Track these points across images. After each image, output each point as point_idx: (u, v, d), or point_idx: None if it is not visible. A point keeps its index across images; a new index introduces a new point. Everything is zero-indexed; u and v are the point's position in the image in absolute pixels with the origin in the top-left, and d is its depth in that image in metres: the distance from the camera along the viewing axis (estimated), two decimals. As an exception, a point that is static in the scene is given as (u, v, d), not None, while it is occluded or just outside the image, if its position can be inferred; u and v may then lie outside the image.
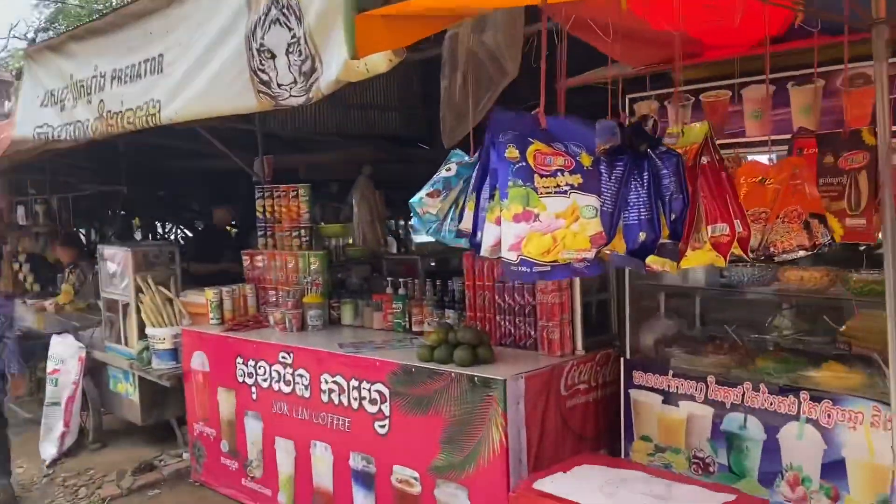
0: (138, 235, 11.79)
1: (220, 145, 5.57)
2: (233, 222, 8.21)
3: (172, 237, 13.19)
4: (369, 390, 3.74)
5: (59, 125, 4.25)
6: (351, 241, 5.91)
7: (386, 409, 3.65)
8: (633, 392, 3.48)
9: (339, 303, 4.82)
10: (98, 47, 3.87)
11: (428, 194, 1.97)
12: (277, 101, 2.83)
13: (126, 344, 5.62)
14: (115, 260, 5.64)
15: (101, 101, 3.84)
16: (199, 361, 4.85)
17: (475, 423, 3.26)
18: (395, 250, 7.68)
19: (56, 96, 4.26)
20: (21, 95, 4.63)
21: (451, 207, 1.96)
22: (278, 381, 4.25)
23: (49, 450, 5.77)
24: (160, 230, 14.97)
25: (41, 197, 8.46)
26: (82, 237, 9.94)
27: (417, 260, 5.84)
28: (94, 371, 5.95)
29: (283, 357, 4.22)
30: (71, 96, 4.11)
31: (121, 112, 3.70)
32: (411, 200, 2.02)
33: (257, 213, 5.27)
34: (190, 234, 11.68)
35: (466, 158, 2.04)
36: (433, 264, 5.97)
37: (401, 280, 4.59)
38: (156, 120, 3.45)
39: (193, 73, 3.15)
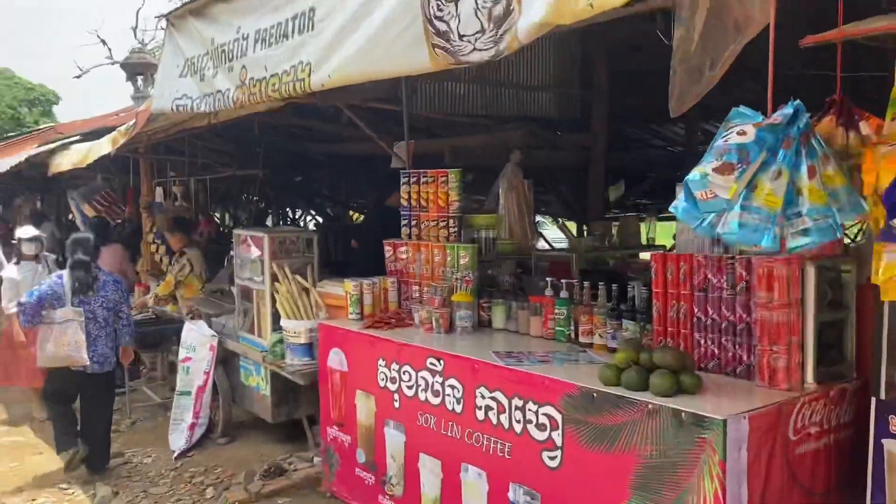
0: (269, 221, 11.79)
1: (364, 126, 5.11)
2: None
3: (302, 224, 13.16)
4: (536, 413, 3.13)
5: (199, 96, 3.90)
6: (499, 234, 5.33)
7: (557, 437, 3.03)
8: (886, 442, 2.68)
9: (490, 303, 4.24)
10: (242, 7, 3.46)
11: (716, 169, 1.33)
12: (457, 56, 2.26)
13: (259, 335, 5.30)
14: (252, 246, 5.32)
15: (244, 67, 3.43)
16: (336, 360, 4.42)
17: (680, 469, 2.58)
18: (543, 246, 7.04)
19: (196, 65, 3.90)
20: (161, 66, 4.33)
21: (745, 188, 1.31)
22: (425, 390, 3.73)
23: (178, 441, 5.55)
24: (292, 216, 15.09)
25: (180, 179, 8.44)
26: (217, 220, 9.92)
27: (572, 258, 5.18)
28: (225, 361, 5.69)
29: (432, 364, 3.69)
30: (211, 64, 3.74)
31: (264, 79, 3.26)
32: (688, 178, 1.39)
33: (401, 201, 4.79)
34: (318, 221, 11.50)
35: (761, 118, 1.38)
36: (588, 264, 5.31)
37: (563, 281, 3.95)
38: (304, 86, 2.98)
39: (351, 28, 2.63)
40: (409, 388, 3.84)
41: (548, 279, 4.08)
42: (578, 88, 5.95)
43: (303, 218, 15.57)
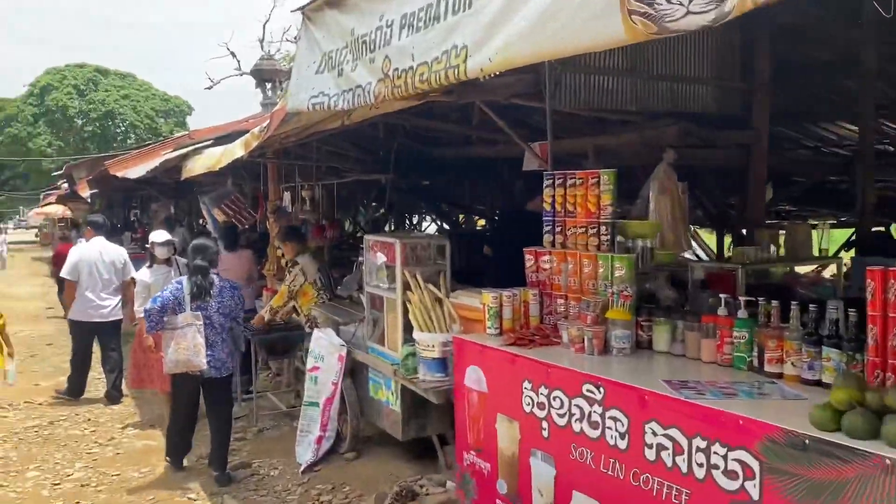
0: (389, 227, 11.66)
1: (504, 125, 4.74)
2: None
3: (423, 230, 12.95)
4: (725, 457, 2.62)
5: (336, 93, 3.63)
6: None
7: (753, 489, 2.52)
8: None
9: (651, 322, 3.75)
10: (386, -7, 3.15)
11: None
12: (661, 23, 1.82)
13: (389, 346, 5.01)
14: (382, 252, 5.05)
15: (387, 57, 3.12)
16: (474, 378, 4.05)
17: (936, 547, 2.03)
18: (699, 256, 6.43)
19: (334, 59, 3.64)
20: (296, 64, 4.11)
21: None
22: (580, 420, 3.29)
23: (305, 454, 5.36)
24: (410, 222, 14.97)
25: (308, 183, 8.39)
26: (344, 225, 9.83)
27: (737, 270, 4.58)
28: (354, 372, 5.45)
29: (590, 391, 3.24)
30: (350, 57, 3.46)
31: (411, 69, 2.93)
32: None
33: (544, 206, 4.37)
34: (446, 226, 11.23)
35: None
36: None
37: (742, 298, 3.40)
38: (458, 73, 2.62)
39: (520, 0, 2.24)
40: (561, 416, 3.41)
41: (721, 295, 3.55)
42: (739, 80, 5.32)
43: (419, 224, 15.45)
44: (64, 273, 7.56)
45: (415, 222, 14.81)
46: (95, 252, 7.58)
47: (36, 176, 49.53)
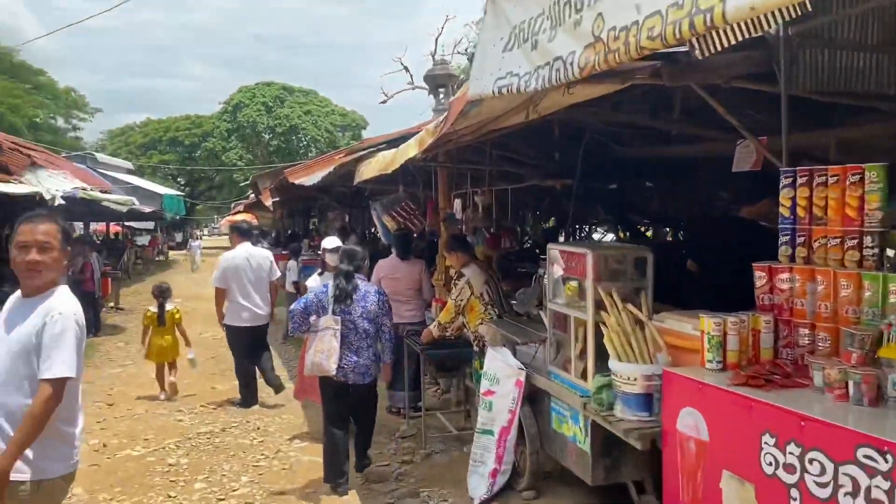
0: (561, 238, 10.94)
1: (725, 113, 3.91)
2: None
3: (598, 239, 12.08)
4: None
5: (528, 71, 3.03)
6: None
7: None
8: None
9: (942, 364, 2.79)
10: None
11: None
12: None
13: (577, 374, 4.32)
14: (569, 264, 4.38)
15: (599, 15, 2.46)
16: (690, 423, 3.27)
17: None
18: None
19: (526, 31, 3.04)
20: (480, 45, 3.56)
21: None
22: (854, 496, 2.43)
23: (479, 487, 4.79)
24: (582, 231, 14.13)
25: (480, 189, 7.89)
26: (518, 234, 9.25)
27: None
28: (533, 400, 4.81)
29: (869, 457, 2.38)
30: (548, 25, 2.84)
31: (635, 24, 2.25)
32: None
33: (779, 210, 3.50)
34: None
35: None
36: None
37: None
38: (710, 18, 1.90)
39: None
40: (822, 486, 2.57)
41: None
42: None
43: (589, 235, 14.54)
44: (214, 281, 7.54)
45: (588, 231, 13.96)
46: (242, 258, 7.51)
47: (228, 186, 53.61)
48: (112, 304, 16.66)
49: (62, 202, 10.52)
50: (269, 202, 20.29)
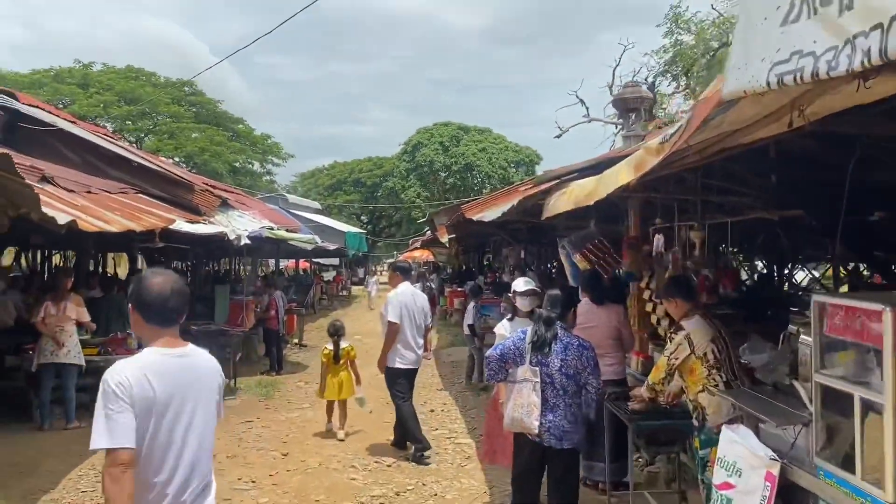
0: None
1: None
2: None
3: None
4: None
5: (834, 45, 2.02)
6: None
7: None
8: None
9: None
10: None
11: None
12: None
13: (866, 475, 3.12)
14: (851, 322, 3.21)
15: None
16: None
17: None
18: None
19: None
20: (741, 24, 2.58)
21: None
22: None
23: None
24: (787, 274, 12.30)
25: (690, 224, 6.72)
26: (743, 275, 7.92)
27: None
28: (790, 500, 3.62)
29: None
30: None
31: None
32: None
33: None
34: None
35: None
36: None
37: None
38: None
39: None
40: None
41: None
42: None
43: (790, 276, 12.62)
44: (392, 317, 7.07)
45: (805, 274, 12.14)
46: (409, 297, 7.24)
47: (406, 224, 55.13)
48: (296, 341, 16.98)
49: (248, 242, 10.60)
50: (444, 238, 20.08)
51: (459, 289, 22.63)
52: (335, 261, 40.35)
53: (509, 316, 5.75)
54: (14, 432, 7.92)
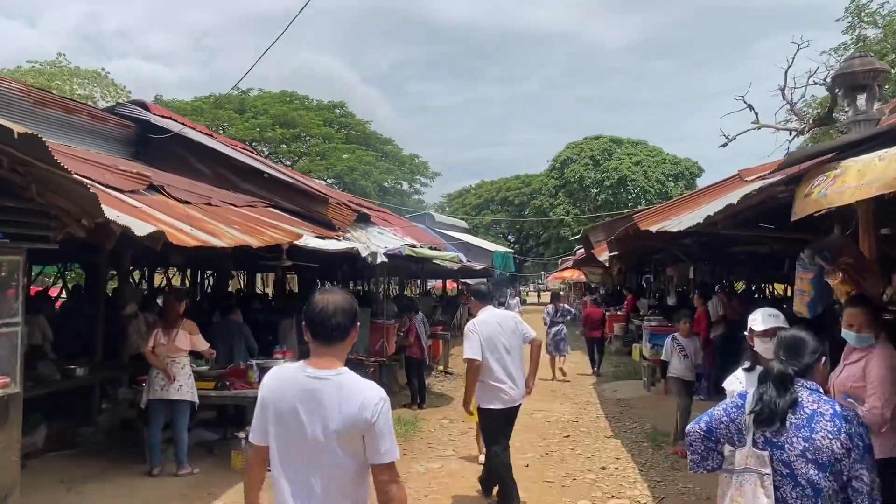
0: None
1: None
2: None
3: None
4: None
5: None
6: None
7: None
8: None
9: None
10: None
11: None
12: None
13: None
14: None
15: None
16: None
17: None
18: None
19: None
20: None
21: None
22: None
23: None
24: None
25: None
26: None
27: None
28: None
29: None
30: None
31: None
32: None
33: None
34: None
35: None
36: None
37: None
38: None
39: None
40: None
41: None
42: None
43: None
44: (469, 353, 5.95)
45: None
46: (493, 325, 6.05)
47: (555, 242, 53.10)
48: (441, 368, 15.62)
49: (384, 259, 9.31)
50: (603, 257, 18.09)
51: (619, 311, 20.43)
52: (483, 280, 39.14)
53: (746, 365, 3.91)
54: (123, 474, 6.97)
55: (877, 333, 4.10)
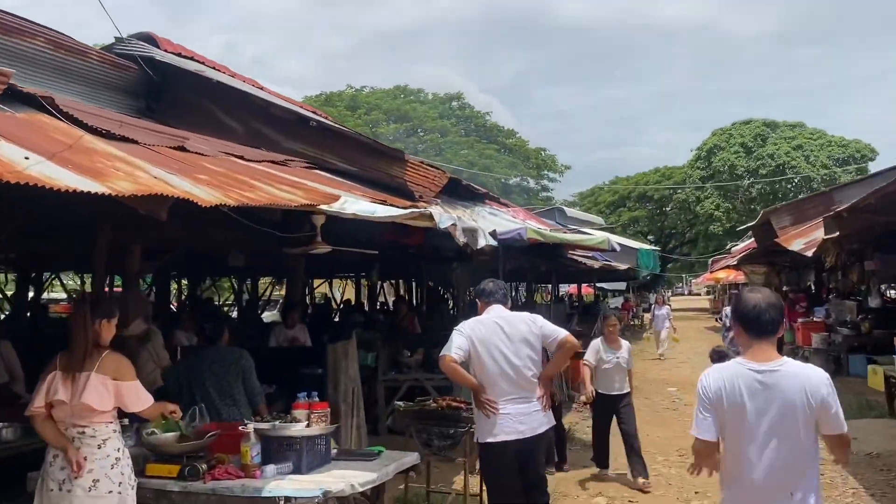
0: None
1: None
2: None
3: None
4: None
5: None
6: None
7: None
8: None
9: None
10: None
11: None
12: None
13: None
14: None
15: None
16: None
17: None
18: None
19: None
20: None
21: None
22: None
23: None
24: None
25: None
26: None
27: None
28: None
29: None
30: None
31: None
32: None
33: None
34: None
35: None
36: None
37: None
38: None
39: None
40: None
41: None
42: None
43: None
44: (447, 349, 4.34)
45: None
46: (491, 326, 4.46)
47: (703, 240, 47.44)
48: (584, 399, 11.73)
49: (491, 242, 5.68)
50: (796, 245, 13.60)
51: (812, 317, 15.66)
52: (621, 285, 34.56)
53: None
54: None
55: None
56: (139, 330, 6.81)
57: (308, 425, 4.23)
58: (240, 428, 4.27)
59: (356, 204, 4.27)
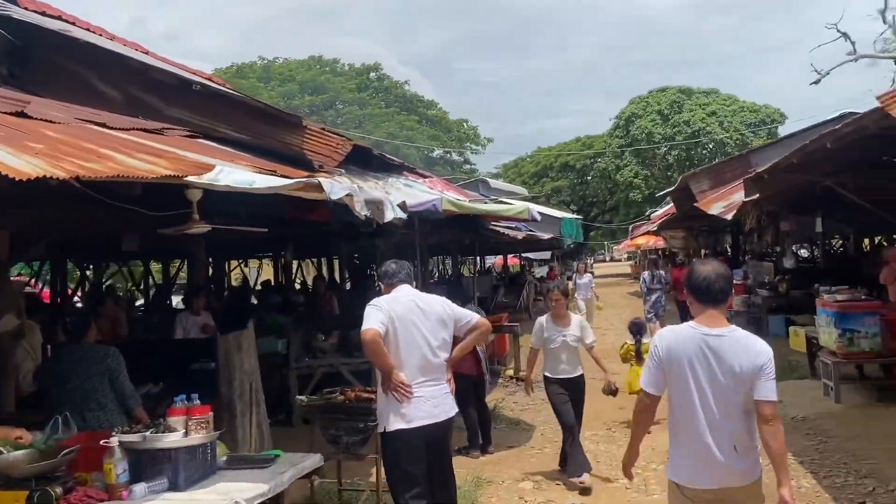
0: None
1: None
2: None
3: None
4: None
5: None
6: None
7: None
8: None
9: None
10: None
11: None
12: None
13: None
14: None
15: None
16: None
17: None
18: None
19: None
20: None
21: None
22: None
23: None
24: None
25: None
26: None
27: None
28: None
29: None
30: None
31: None
32: None
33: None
34: None
35: None
36: None
37: None
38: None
39: None
40: None
41: None
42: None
43: None
44: (367, 324, 4.00)
45: None
46: (408, 305, 4.19)
47: (624, 208, 48.13)
48: (510, 373, 11.40)
49: (400, 215, 5.14)
50: (714, 209, 13.61)
51: (736, 281, 15.76)
52: (546, 254, 34.62)
53: None
54: None
55: None
56: (11, 325, 6.03)
57: (186, 434, 3.63)
58: (101, 442, 3.63)
59: (231, 174, 3.65)
